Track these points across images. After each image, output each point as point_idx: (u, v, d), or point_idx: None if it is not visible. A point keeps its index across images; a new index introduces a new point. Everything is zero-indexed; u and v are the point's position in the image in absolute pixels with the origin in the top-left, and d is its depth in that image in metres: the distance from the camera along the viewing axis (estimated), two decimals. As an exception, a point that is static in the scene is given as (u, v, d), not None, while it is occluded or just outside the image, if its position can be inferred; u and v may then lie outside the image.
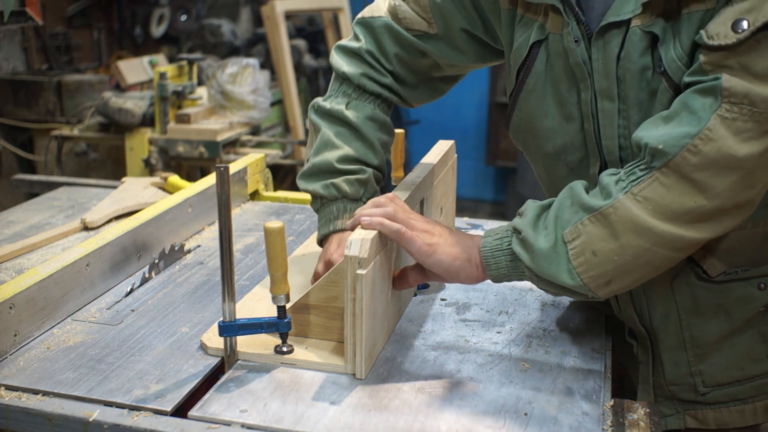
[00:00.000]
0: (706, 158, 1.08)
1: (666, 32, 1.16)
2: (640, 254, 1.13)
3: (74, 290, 1.44)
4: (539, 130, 1.35)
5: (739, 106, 1.07)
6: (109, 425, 1.10)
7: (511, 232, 1.22)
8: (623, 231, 1.12)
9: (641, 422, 1.18)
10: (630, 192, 1.12)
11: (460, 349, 1.33)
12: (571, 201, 1.18)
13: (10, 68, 4.04)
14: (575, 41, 1.24)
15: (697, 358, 1.35)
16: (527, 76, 1.33)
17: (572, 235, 1.15)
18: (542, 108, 1.33)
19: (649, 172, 1.12)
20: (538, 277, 1.19)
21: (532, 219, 1.20)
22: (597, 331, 1.40)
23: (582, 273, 1.15)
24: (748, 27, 1.05)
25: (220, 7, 5.38)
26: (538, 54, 1.31)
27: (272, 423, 1.10)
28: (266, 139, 4.10)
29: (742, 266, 1.29)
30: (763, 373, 1.34)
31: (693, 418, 1.38)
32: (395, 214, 1.24)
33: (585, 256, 1.14)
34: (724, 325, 1.32)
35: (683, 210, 1.10)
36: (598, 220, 1.14)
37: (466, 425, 1.11)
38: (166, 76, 3.53)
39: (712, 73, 1.09)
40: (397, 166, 1.80)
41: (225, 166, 1.16)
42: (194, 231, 1.85)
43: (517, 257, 1.20)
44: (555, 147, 1.34)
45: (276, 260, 1.21)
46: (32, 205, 2.10)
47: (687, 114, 1.10)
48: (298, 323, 1.31)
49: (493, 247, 1.23)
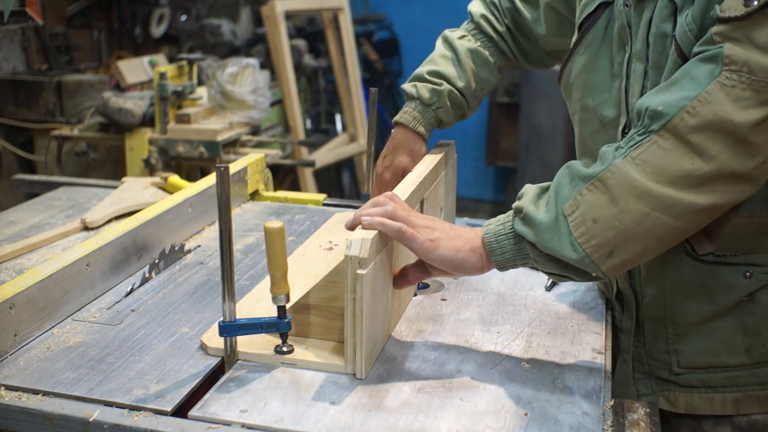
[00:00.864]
0: (704, 120, 1.10)
1: (685, 2, 1.21)
2: (641, 219, 1.13)
3: (74, 290, 1.44)
4: (587, 83, 1.43)
5: (738, 74, 1.09)
6: (109, 425, 1.10)
7: (512, 216, 1.23)
8: (622, 195, 1.13)
9: (641, 422, 1.18)
10: (629, 156, 1.14)
11: (460, 349, 1.33)
12: (569, 178, 1.19)
13: (10, 68, 4.04)
14: (626, 5, 1.33)
15: (676, 336, 1.38)
16: (588, 31, 1.41)
17: (572, 207, 1.16)
18: (594, 62, 1.41)
19: (647, 135, 1.13)
20: (542, 254, 1.19)
21: (532, 197, 1.22)
22: (597, 331, 1.40)
23: (583, 243, 1.15)
24: (759, 1, 1.08)
25: (220, 7, 5.37)
26: (603, 14, 1.39)
27: (272, 423, 1.10)
28: (266, 139, 4.10)
29: (731, 252, 1.31)
30: (738, 365, 1.36)
31: (665, 399, 1.41)
32: (395, 213, 1.24)
33: (586, 225, 1.15)
34: (706, 308, 1.35)
35: (681, 173, 1.11)
36: (596, 187, 1.15)
37: (466, 425, 1.11)
38: (166, 76, 3.52)
39: (719, 44, 1.11)
40: (397, 166, 1.79)
41: (225, 166, 1.16)
42: (194, 231, 1.85)
43: (521, 239, 1.21)
44: (596, 101, 1.42)
45: (276, 260, 1.21)
46: (32, 205, 2.10)
47: (688, 80, 1.13)
48: (298, 323, 1.31)
49: (496, 233, 1.23)
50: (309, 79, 5.39)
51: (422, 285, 1.57)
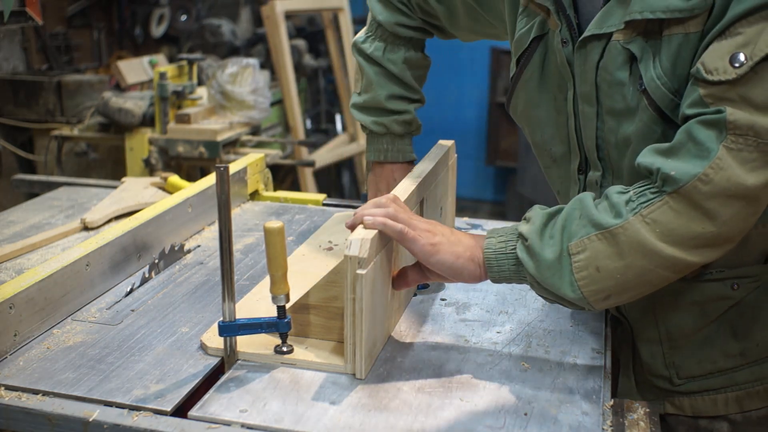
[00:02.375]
0: (717, 187, 1.10)
1: (645, 51, 1.19)
2: (643, 274, 1.15)
3: (74, 290, 1.44)
4: (532, 118, 1.42)
5: (744, 137, 1.09)
6: (109, 425, 1.10)
7: (516, 237, 1.22)
8: (630, 251, 1.14)
9: (641, 422, 1.18)
10: (639, 213, 1.13)
11: (460, 349, 1.33)
12: (580, 213, 1.18)
13: (10, 68, 4.04)
14: (563, 42, 1.29)
15: (672, 351, 1.39)
16: (525, 66, 1.38)
17: (578, 248, 1.16)
18: (536, 98, 1.39)
19: (660, 195, 1.13)
20: (539, 284, 1.20)
21: (539, 227, 1.20)
22: (597, 331, 1.40)
23: (583, 287, 1.16)
24: (746, 61, 1.07)
25: (220, 7, 5.37)
26: (538, 48, 1.35)
27: (272, 423, 1.10)
28: (266, 139, 4.10)
29: (717, 268, 1.33)
30: (734, 366, 1.37)
31: (671, 405, 1.42)
32: (397, 215, 1.24)
33: (588, 270, 1.15)
34: (698, 321, 1.36)
35: (690, 235, 1.12)
36: (606, 238, 1.15)
37: (466, 425, 1.11)
38: (166, 76, 3.52)
39: (713, 105, 1.11)
40: (397, 166, 1.79)
41: (225, 166, 1.17)
42: (194, 231, 1.85)
43: (520, 263, 1.21)
44: (543, 137, 1.42)
45: (276, 260, 1.21)
46: (32, 205, 2.10)
47: (694, 145, 1.12)
48: (298, 323, 1.31)
49: (497, 250, 1.23)
50: (309, 79, 5.39)
51: (422, 285, 1.57)
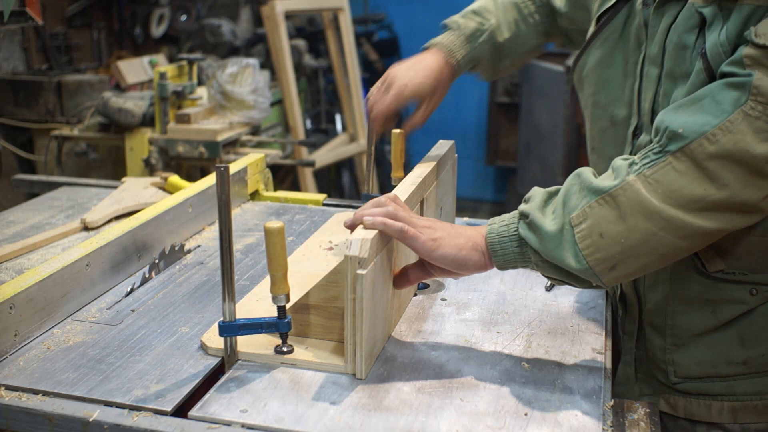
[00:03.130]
0: (722, 149, 1.09)
1: (716, 17, 1.19)
2: (647, 238, 1.13)
3: (74, 290, 1.44)
4: (600, 79, 1.42)
5: (764, 105, 1.08)
6: (109, 425, 1.10)
7: (517, 218, 1.22)
8: (631, 213, 1.12)
9: (641, 422, 1.18)
10: (642, 173, 1.13)
11: (460, 349, 1.33)
12: (579, 187, 1.18)
13: (10, 68, 4.04)
14: (645, 4, 1.32)
15: (673, 347, 1.39)
16: (606, 25, 1.40)
17: (579, 218, 1.15)
18: (609, 58, 1.40)
19: (663, 156, 1.13)
20: (544, 261, 1.19)
21: (540, 203, 1.20)
22: (597, 331, 1.40)
23: (588, 255, 1.15)
24: None
25: (220, 7, 5.37)
26: (623, 9, 1.38)
27: (272, 423, 1.10)
28: (266, 139, 4.10)
29: (740, 270, 1.30)
30: (736, 374, 1.36)
31: (666, 402, 1.42)
32: (396, 213, 1.24)
33: (592, 238, 1.14)
34: (708, 321, 1.35)
35: (692, 197, 1.11)
36: (606, 202, 1.14)
37: (466, 425, 1.11)
38: (166, 76, 3.52)
39: (749, 68, 1.10)
40: (397, 166, 1.80)
41: (225, 166, 1.16)
42: (194, 231, 1.85)
43: (524, 242, 1.20)
44: (607, 98, 1.41)
45: (276, 260, 1.21)
46: (32, 205, 2.10)
47: (711, 102, 1.11)
48: (298, 323, 1.31)
49: (499, 233, 1.22)
50: (309, 79, 5.39)
51: (422, 285, 1.57)
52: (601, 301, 1.52)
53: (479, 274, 1.63)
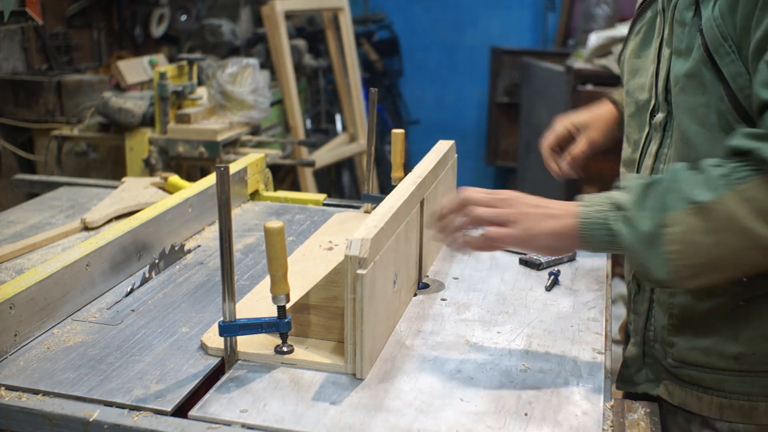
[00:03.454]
0: None
1: None
2: (735, 254, 1.13)
3: (74, 290, 1.44)
4: (632, 67, 1.48)
5: None
6: (109, 425, 1.10)
7: (614, 208, 1.20)
8: (723, 228, 1.12)
9: (641, 422, 1.18)
10: (736, 189, 1.12)
11: (460, 349, 1.33)
12: (675, 186, 1.17)
13: (10, 68, 4.04)
14: None
15: (673, 327, 1.39)
16: (640, 16, 1.46)
17: (672, 220, 1.14)
18: (641, 48, 1.46)
19: (758, 174, 1.12)
20: (632, 256, 1.19)
21: (637, 198, 1.19)
22: (597, 331, 1.40)
23: (674, 260, 1.14)
24: None
25: (220, 7, 5.37)
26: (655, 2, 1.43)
27: (272, 423, 1.10)
28: (266, 139, 4.09)
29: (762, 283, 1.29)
30: (726, 368, 1.35)
31: (665, 389, 1.42)
32: (478, 216, 1.24)
33: (681, 245, 1.14)
34: (703, 303, 1.34)
35: None
36: (700, 212, 1.13)
37: (466, 425, 1.11)
38: (166, 76, 3.52)
39: None
40: (397, 166, 1.80)
41: (225, 166, 1.17)
42: (194, 231, 1.85)
43: (617, 234, 1.19)
44: (635, 85, 1.46)
45: (276, 260, 1.22)
46: (32, 205, 2.10)
47: None
48: (298, 323, 1.31)
49: (592, 222, 1.21)
50: (309, 79, 5.39)
51: (422, 285, 1.57)
52: (602, 301, 1.52)
53: (479, 274, 1.63)
